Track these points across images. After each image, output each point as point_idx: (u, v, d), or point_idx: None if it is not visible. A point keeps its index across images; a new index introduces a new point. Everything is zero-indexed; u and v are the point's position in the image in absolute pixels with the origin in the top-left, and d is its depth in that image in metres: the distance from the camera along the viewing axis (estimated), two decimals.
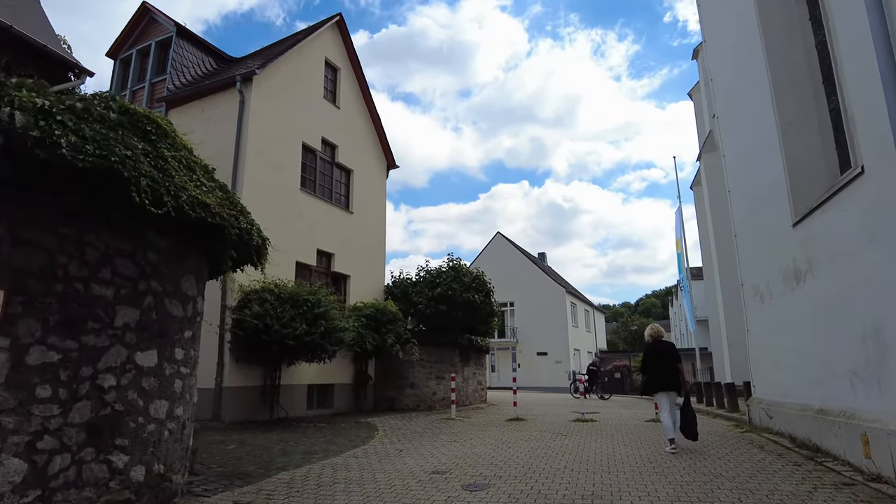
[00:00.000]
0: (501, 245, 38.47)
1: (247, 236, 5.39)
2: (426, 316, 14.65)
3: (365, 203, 14.93)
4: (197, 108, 12.39)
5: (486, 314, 16.38)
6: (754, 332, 9.65)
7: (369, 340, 12.56)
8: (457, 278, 14.87)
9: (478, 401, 17.45)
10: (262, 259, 5.94)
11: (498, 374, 36.12)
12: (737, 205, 10.30)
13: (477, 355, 17.70)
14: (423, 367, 14.49)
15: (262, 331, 9.82)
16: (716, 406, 14.26)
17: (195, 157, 5.25)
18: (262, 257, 5.93)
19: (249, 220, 5.59)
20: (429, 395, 14.44)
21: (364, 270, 14.38)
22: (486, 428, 10.50)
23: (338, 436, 9.28)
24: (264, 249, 5.94)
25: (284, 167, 12.32)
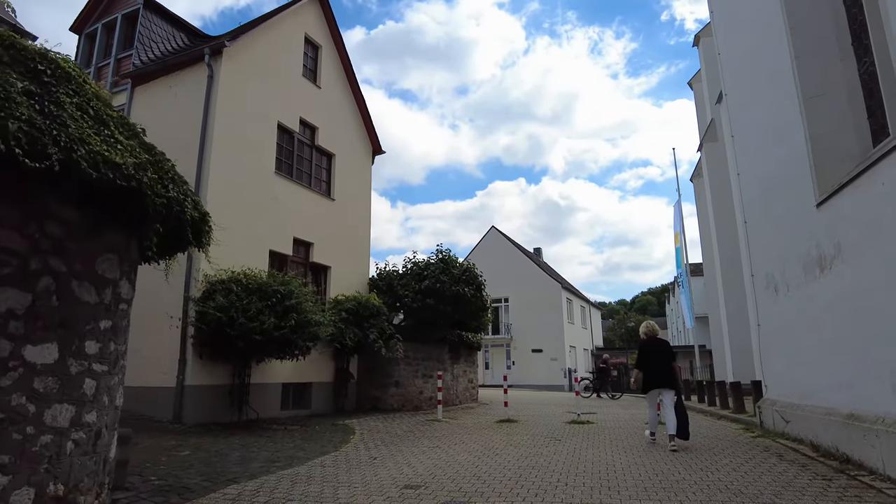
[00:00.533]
0: (496, 239, 37.59)
1: (177, 208, 4.50)
2: (413, 310, 13.79)
3: (348, 190, 14.03)
4: (164, 85, 11.46)
5: (477, 308, 15.52)
6: (766, 328, 8.82)
7: (349, 336, 11.68)
8: (445, 270, 14.00)
9: (468, 400, 16.60)
10: (200, 238, 5.04)
11: (492, 371, 35.30)
12: (747, 189, 9.46)
13: (468, 352, 16.84)
14: (409, 364, 13.62)
15: (227, 324, 8.93)
16: (719, 406, 13.46)
17: (113, 111, 4.36)
18: (201, 236, 5.03)
19: (183, 190, 4.69)
20: (415, 395, 13.58)
21: (346, 261, 13.49)
22: (473, 431, 9.65)
23: (309, 440, 8.42)
24: (205, 227, 5.04)
25: (258, 148, 11.41)
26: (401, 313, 14.40)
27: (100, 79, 12.70)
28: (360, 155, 14.77)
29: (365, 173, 14.90)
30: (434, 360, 14.51)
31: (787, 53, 7.13)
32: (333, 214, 13.37)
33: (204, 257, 9.79)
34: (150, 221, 4.40)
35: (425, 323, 14.43)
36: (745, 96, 9.38)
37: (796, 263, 7.16)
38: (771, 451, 6.94)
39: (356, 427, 9.92)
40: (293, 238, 11.95)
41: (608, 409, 15.34)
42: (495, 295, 36.30)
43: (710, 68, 22.43)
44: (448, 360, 15.31)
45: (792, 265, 7.34)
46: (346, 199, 13.87)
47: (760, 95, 8.58)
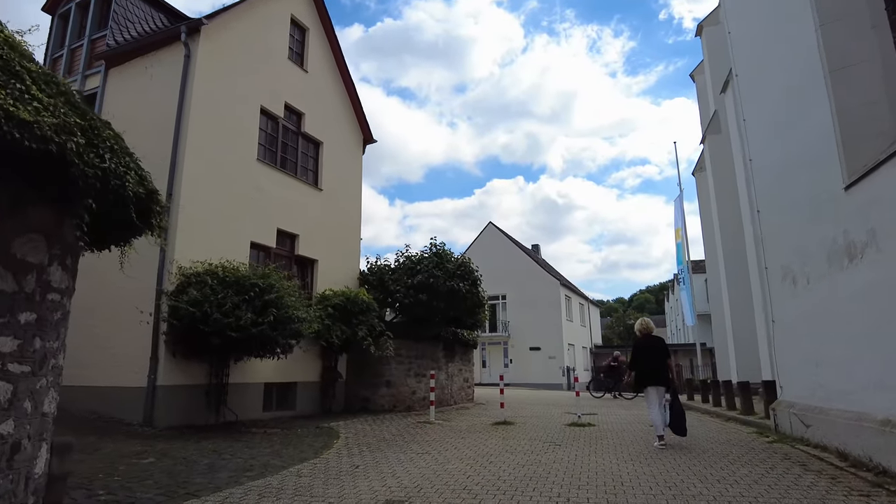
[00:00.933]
0: (493, 236, 36.95)
1: (115, 182, 3.85)
2: (405, 306, 13.14)
3: (337, 180, 13.36)
4: (139, 66, 10.77)
5: (473, 305, 14.87)
6: (782, 323, 8.19)
7: (336, 333, 11.03)
8: (439, 265, 13.35)
9: (464, 400, 15.97)
10: (149, 220, 4.38)
11: (489, 369, 34.68)
12: (760, 176, 8.82)
13: (463, 350, 16.21)
14: (400, 363, 12.98)
15: (200, 320, 8.27)
16: (726, 407, 12.84)
17: (34, 64, 3.69)
18: (149, 217, 4.37)
19: (125, 162, 4.04)
20: (407, 395, 12.94)
21: (335, 255, 12.83)
22: (466, 435, 9.01)
23: (288, 445, 7.77)
24: (154, 207, 4.37)
25: (239, 134, 10.74)
26: (393, 310, 13.75)
27: (73, 61, 12.03)
28: (349, 144, 14.11)
29: (355, 163, 14.24)
30: (428, 359, 13.88)
31: (810, 23, 6.49)
32: (321, 205, 12.70)
33: (178, 248, 9.22)
34: (82, 196, 3.75)
35: (418, 320, 13.80)
36: (759, 75, 8.73)
37: (819, 253, 6.53)
38: (792, 458, 6.31)
39: (341, 430, 9.27)
40: (277, 229, 11.29)
41: (609, 409, 14.73)
42: (493, 292, 35.70)
43: (713, 58, 21.81)
44: (442, 359, 14.68)
45: (814, 255, 6.71)
46: (334, 190, 13.21)
47: (777, 72, 7.94)
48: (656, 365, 7.45)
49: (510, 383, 32.57)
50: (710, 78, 21.74)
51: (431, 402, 10.92)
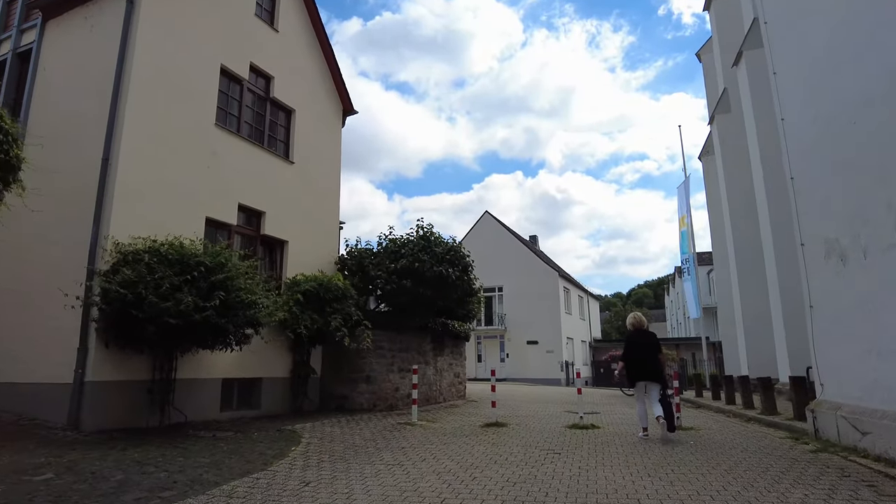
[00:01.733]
0: (490, 225, 35.60)
1: None
2: (387, 294, 11.83)
3: (312, 153, 12.01)
4: (79, 17, 9.41)
5: (464, 293, 13.57)
6: (825, 309, 6.90)
7: (306, 323, 9.73)
8: (426, 248, 12.02)
9: (454, 396, 14.70)
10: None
11: (485, 364, 33.43)
12: (796, 135, 7.50)
13: (454, 343, 14.93)
14: (382, 356, 11.67)
15: (133, 304, 6.96)
16: (742, 405, 11.57)
17: None
18: None
19: None
20: (389, 392, 11.64)
21: (308, 236, 11.50)
22: (451, 439, 7.72)
23: (235, 453, 6.47)
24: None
25: (193, 95, 9.38)
26: (375, 298, 12.45)
27: (9, 15, 10.65)
28: (327, 114, 12.74)
29: (333, 135, 12.88)
30: (413, 352, 12.58)
31: None
32: (293, 180, 11.36)
33: (115, 221, 7.89)
34: None
35: (403, 309, 12.51)
36: (797, 19, 7.40)
37: (887, 218, 5.22)
38: (853, 476, 5.02)
39: (305, 434, 7.97)
40: (238, 204, 9.95)
41: (613, 407, 13.45)
42: (489, 284, 34.42)
43: (722, 32, 20.49)
44: (430, 352, 13.39)
45: (878, 222, 5.41)
46: (309, 164, 11.87)
47: (823, 10, 6.61)
48: (648, 360, 7.39)
49: (506, 378, 31.35)
50: (720, 54, 20.41)
51: (414, 400, 9.63)
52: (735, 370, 20.31)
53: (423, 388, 12.89)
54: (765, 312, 16.85)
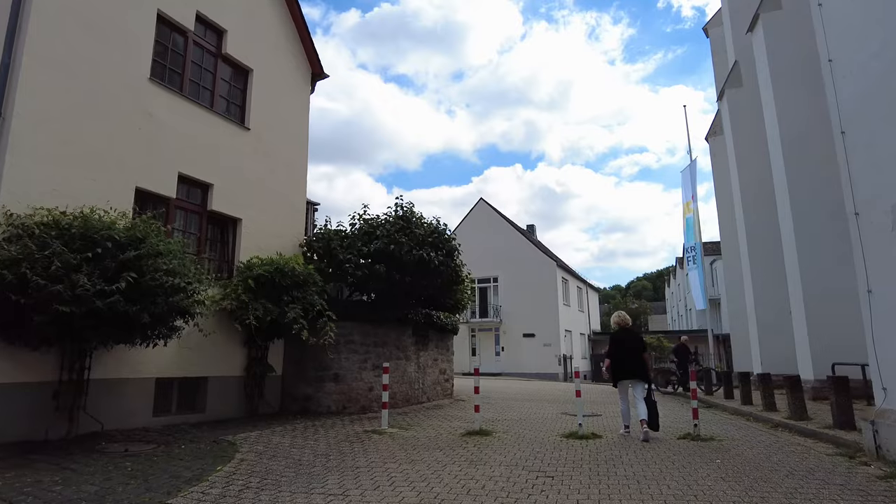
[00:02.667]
0: (485, 213, 34.08)
1: None
2: (358, 280, 10.36)
3: (273, 120, 10.53)
4: None
5: (450, 281, 12.13)
6: (887, 293, 5.46)
7: (257, 313, 8.29)
8: (405, 229, 10.57)
9: (440, 395, 13.30)
10: None
11: (479, 357, 32.05)
12: (848, 80, 6.04)
13: (440, 336, 13.51)
14: (354, 352, 10.25)
15: (14, 287, 5.52)
16: (762, 407, 10.17)
17: None
18: None
19: None
20: (362, 392, 10.23)
21: (267, 214, 10.03)
22: (422, 454, 6.31)
23: (138, 476, 5.05)
24: None
25: (121, 42, 7.88)
26: (346, 285, 11.00)
27: None
28: (292, 77, 11.23)
29: (299, 101, 11.36)
30: (392, 347, 11.16)
31: None
32: (248, 149, 9.88)
33: (8, 187, 6.43)
34: None
35: (381, 297, 11.10)
36: None
37: None
38: None
39: (244, 447, 6.55)
40: (178, 175, 8.47)
41: (615, 407, 12.02)
42: (484, 274, 33.00)
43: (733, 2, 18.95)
44: (412, 347, 11.97)
45: None
46: (269, 132, 10.38)
47: None
48: (633, 358, 7.40)
49: (501, 373, 30.00)
50: (730, 25, 18.88)
51: (384, 404, 8.20)
52: (745, 366, 18.97)
53: (403, 388, 11.49)
54: (780, 304, 15.47)
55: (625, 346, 7.52)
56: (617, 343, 7.65)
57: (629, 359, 7.42)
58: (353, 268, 9.90)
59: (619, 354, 7.54)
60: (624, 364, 7.44)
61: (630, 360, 7.41)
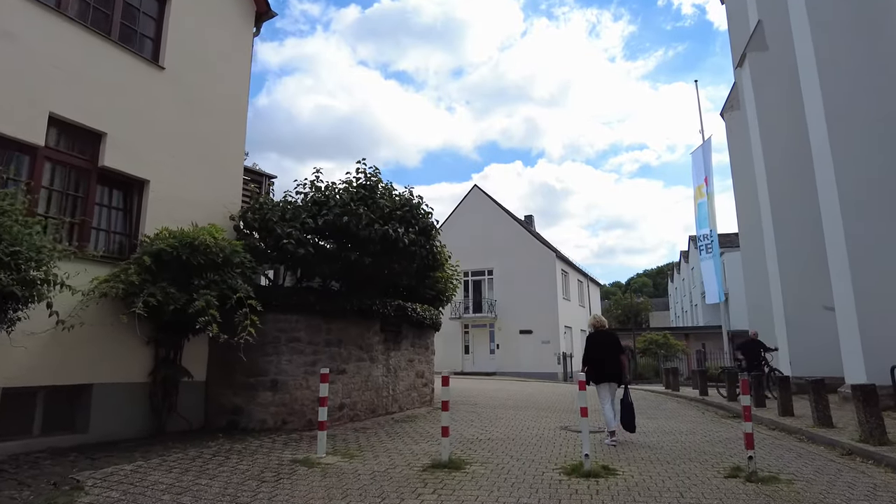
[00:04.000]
0: (479, 201, 31.90)
1: None
2: (299, 261, 8.23)
3: (200, 61, 8.39)
4: None
5: (425, 265, 10.04)
6: None
7: (149, 300, 6.18)
8: (366, 199, 8.46)
9: (416, 403, 11.21)
10: None
11: (472, 356, 30.00)
12: None
13: (417, 333, 11.42)
14: (298, 352, 8.15)
15: None
16: (816, 422, 8.07)
17: None
18: None
19: None
20: (308, 404, 8.11)
21: (187, 176, 7.90)
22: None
23: None
24: None
25: None
26: (289, 268, 8.89)
27: None
28: (228, 12, 9.07)
29: (238, 41, 9.21)
30: (351, 346, 9.07)
31: None
32: (163, 94, 7.75)
33: None
34: None
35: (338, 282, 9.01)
36: None
37: None
38: None
39: (93, 491, 4.45)
40: (49, 115, 6.33)
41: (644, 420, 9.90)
42: (478, 266, 30.86)
43: None
44: (379, 346, 9.88)
45: None
46: (194, 75, 8.24)
47: None
48: (610, 360, 7.35)
49: (496, 373, 27.92)
50: None
51: (320, 424, 6.09)
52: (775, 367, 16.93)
53: (367, 396, 9.40)
54: (813, 298, 13.39)
55: (602, 348, 7.45)
56: (594, 345, 7.53)
57: (607, 361, 7.34)
58: (294, 245, 7.76)
59: (597, 356, 7.42)
60: (604, 366, 7.33)
61: (608, 362, 7.34)
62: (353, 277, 8.91)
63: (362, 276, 9.00)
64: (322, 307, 8.37)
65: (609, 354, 7.39)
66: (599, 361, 7.37)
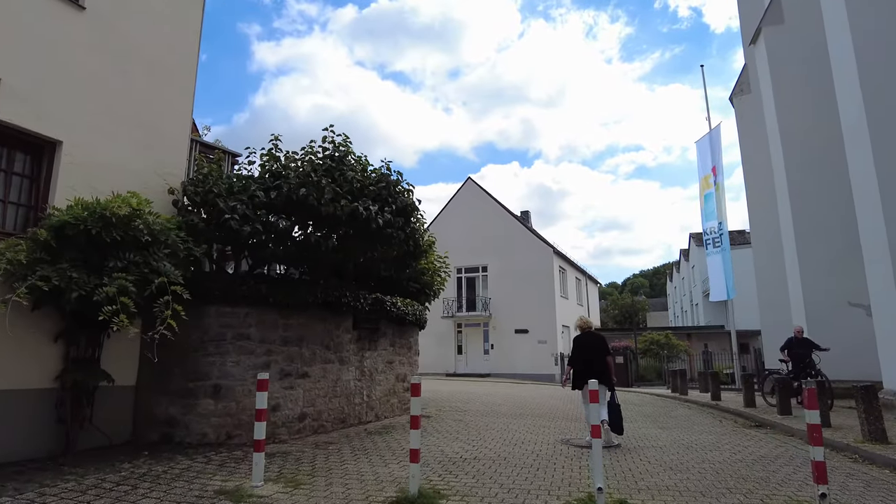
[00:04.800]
0: (473, 195, 30.56)
1: None
2: (244, 240, 6.83)
3: (136, 5, 7.04)
4: None
5: (407, 253, 8.73)
6: None
7: (47, 283, 4.85)
8: (334, 172, 7.13)
9: (395, 410, 9.90)
10: None
11: (466, 357, 28.67)
12: None
13: (397, 331, 10.10)
14: (248, 352, 6.82)
15: None
16: (868, 437, 6.79)
17: None
18: None
19: None
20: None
21: (113, 139, 6.56)
22: None
23: None
24: None
25: None
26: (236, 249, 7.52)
27: None
28: None
29: None
30: (316, 345, 7.75)
31: None
32: (83, 38, 6.40)
33: None
34: None
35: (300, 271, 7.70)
36: None
37: None
38: None
39: None
40: None
41: (638, 428, 8.60)
42: (472, 262, 29.55)
43: None
44: (351, 345, 8.56)
45: None
46: (125, 20, 6.90)
47: None
48: (596, 363, 7.24)
49: (490, 374, 26.61)
50: None
51: (257, 443, 4.76)
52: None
53: (336, 403, 8.08)
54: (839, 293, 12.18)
55: (588, 350, 7.37)
56: (581, 347, 7.46)
57: (593, 363, 7.24)
58: (239, 221, 6.42)
59: (583, 358, 7.36)
60: (589, 367, 7.18)
61: (594, 364, 7.23)
62: (317, 264, 7.59)
63: (329, 263, 7.69)
64: (278, 299, 7.03)
65: (596, 356, 7.29)
66: (586, 363, 7.25)
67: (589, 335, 7.58)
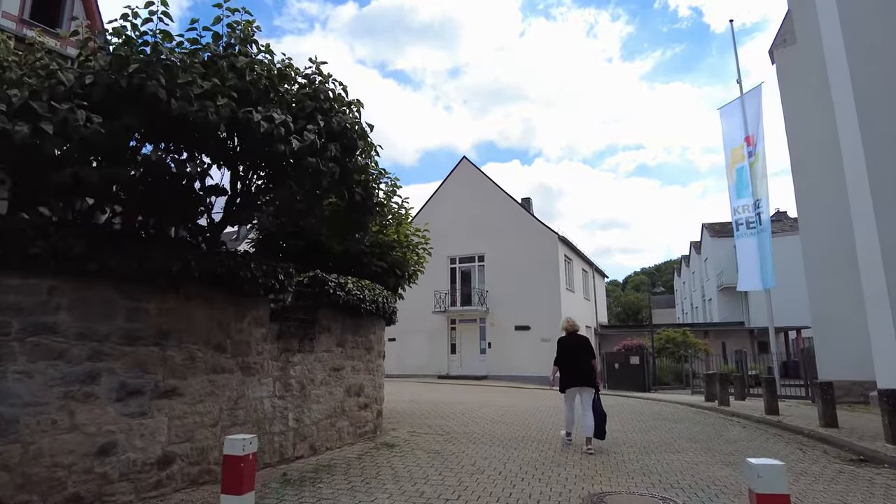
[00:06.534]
0: (470, 176, 27.55)
1: None
2: (28, 154, 3.99)
3: None
4: None
5: (349, 205, 5.88)
6: None
7: None
8: (213, 64, 4.29)
9: (348, 437, 7.03)
10: None
11: (460, 357, 25.78)
12: None
13: (350, 326, 7.23)
14: (55, 356, 3.96)
15: None
16: None
17: None
18: None
19: None
20: (78, 459, 3.92)
21: None
22: None
23: None
24: None
25: None
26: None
27: None
28: None
29: None
30: (199, 344, 4.91)
31: None
32: None
33: None
34: None
35: (137, 213, 4.86)
36: None
37: None
38: None
39: None
40: None
41: (706, 468, 5.76)
42: (467, 251, 26.60)
43: None
44: (265, 345, 5.72)
45: None
46: None
47: None
48: (581, 364, 7.22)
49: (487, 376, 23.74)
50: None
51: None
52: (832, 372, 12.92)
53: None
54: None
55: (573, 352, 7.29)
56: (566, 349, 7.38)
57: (578, 365, 7.17)
58: (6, 118, 3.53)
59: (567, 360, 7.28)
60: (574, 370, 7.17)
61: (578, 366, 7.17)
62: (144, 193, 4.69)
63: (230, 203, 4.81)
64: (112, 265, 4.16)
65: (581, 359, 7.20)
66: (572, 366, 7.19)
67: (575, 337, 7.47)
